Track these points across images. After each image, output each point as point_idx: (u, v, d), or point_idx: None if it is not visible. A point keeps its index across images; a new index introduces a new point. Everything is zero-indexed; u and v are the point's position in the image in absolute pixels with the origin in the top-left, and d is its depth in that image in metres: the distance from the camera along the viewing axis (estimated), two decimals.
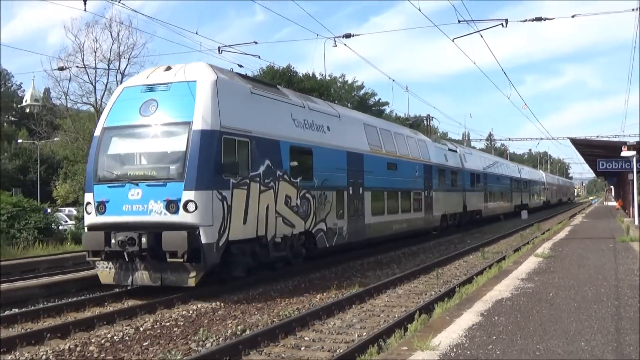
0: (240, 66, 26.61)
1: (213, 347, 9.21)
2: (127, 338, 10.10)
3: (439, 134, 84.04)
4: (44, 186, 58.41)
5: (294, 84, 50.30)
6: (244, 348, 9.05)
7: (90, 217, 13.88)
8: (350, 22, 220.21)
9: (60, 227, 30.33)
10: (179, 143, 13.35)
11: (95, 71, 46.12)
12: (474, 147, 66.82)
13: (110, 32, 45.60)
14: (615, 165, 31.17)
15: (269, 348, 9.37)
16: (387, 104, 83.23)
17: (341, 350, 8.88)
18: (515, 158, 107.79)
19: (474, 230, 35.84)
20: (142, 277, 13.33)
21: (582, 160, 64.15)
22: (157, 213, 13.02)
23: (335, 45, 23.80)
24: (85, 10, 15.86)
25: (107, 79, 47.11)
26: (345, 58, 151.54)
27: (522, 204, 54.40)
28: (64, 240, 27.51)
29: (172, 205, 12.91)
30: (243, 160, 14.26)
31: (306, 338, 10.01)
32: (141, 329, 10.74)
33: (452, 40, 21.71)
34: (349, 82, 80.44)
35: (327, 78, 69.55)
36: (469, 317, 8.90)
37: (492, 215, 43.33)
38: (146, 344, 9.72)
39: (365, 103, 75.88)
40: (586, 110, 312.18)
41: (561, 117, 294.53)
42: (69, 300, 13.25)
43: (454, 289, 13.08)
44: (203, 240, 12.85)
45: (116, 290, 14.26)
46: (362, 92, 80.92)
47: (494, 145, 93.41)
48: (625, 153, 26.37)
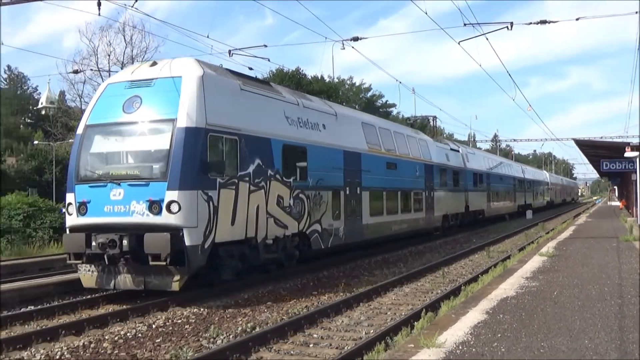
0: (251, 69, 26.85)
1: (224, 344, 9.25)
2: (139, 335, 10.15)
3: (445, 135, 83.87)
4: (59, 186, 58.47)
5: (303, 86, 50.32)
6: (253, 345, 9.07)
7: (71, 218, 13.29)
8: (358, 26, 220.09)
9: None
10: (163, 141, 12.66)
11: (109, 74, 46.27)
12: (479, 148, 66.58)
13: (124, 36, 45.99)
14: (618, 166, 31.05)
15: (278, 345, 9.39)
16: (394, 105, 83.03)
17: (349, 348, 8.90)
18: (520, 159, 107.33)
19: (479, 229, 35.72)
20: (124, 280, 12.70)
21: (586, 161, 63.84)
22: (139, 214, 12.38)
23: (344, 48, 23.69)
24: (99, 14, 15.84)
25: None
26: (353, 60, 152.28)
27: (525, 204, 54.13)
28: None
29: (154, 206, 12.26)
30: (231, 159, 13.55)
31: (315, 335, 10.03)
32: (153, 326, 10.79)
33: (458, 43, 21.67)
34: (357, 84, 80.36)
35: (336, 80, 69.59)
36: (474, 315, 8.89)
37: (496, 215, 42.89)
38: (158, 340, 9.77)
39: (372, 105, 75.74)
40: (590, 111, 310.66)
41: (565, 118, 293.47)
42: (84, 297, 13.29)
43: (460, 288, 13.08)
44: (187, 243, 12.19)
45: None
46: (370, 94, 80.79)
47: (499, 146, 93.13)
48: (628, 154, 26.20)
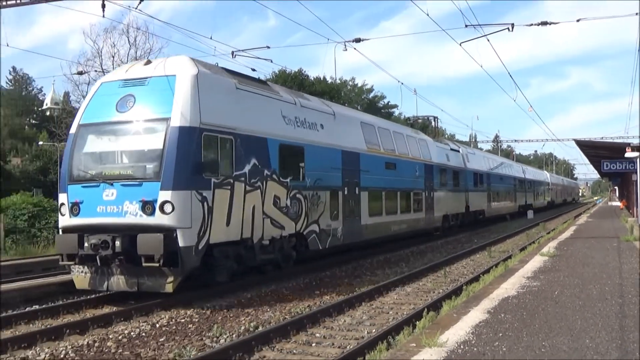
0: (254, 70, 26.54)
1: (227, 343, 9.22)
2: (143, 334, 10.13)
3: (446, 135, 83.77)
4: None
5: (305, 87, 50.32)
6: (256, 344, 9.06)
7: (64, 219, 13.00)
8: (360, 27, 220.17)
9: None
10: (156, 140, 12.40)
11: None
12: (480, 149, 66.50)
13: (128, 38, 45.66)
14: (619, 166, 30.94)
15: (281, 344, 9.37)
16: (396, 106, 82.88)
17: (351, 347, 8.87)
18: (521, 159, 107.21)
19: (481, 229, 35.67)
20: (118, 282, 12.41)
21: (587, 161, 63.79)
22: (132, 215, 12.11)
23: (346, 50, 23.67)
24: (103, 16, 15.81)
25: None
26: (355, 62, 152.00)
27: (526, 204, 54.01)
28: None
29: (147, 207, 11.98)
30: (226, 158, 13.29)
31: (317, 334, 10.00)
32: (157, 325, 10.77)
33: (460, 44, 21.69)
34: (359, 85, 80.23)
35: (338, 81, 69.45)
36: (475, 315, 8.87)
37: (496, 215, 42.69)
38: (162, 339, 9.75)
39: (374, 105, 75.69)
40: (591, 112, 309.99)
41: (566, 119, 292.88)
42: (88, 297, 13.23)
43: (461, 287, 13.04)
44: (181, 244, 11.92)
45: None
46: (372, 95, 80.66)
47: (501, 146, 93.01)
48: (629, 154, 26.14)
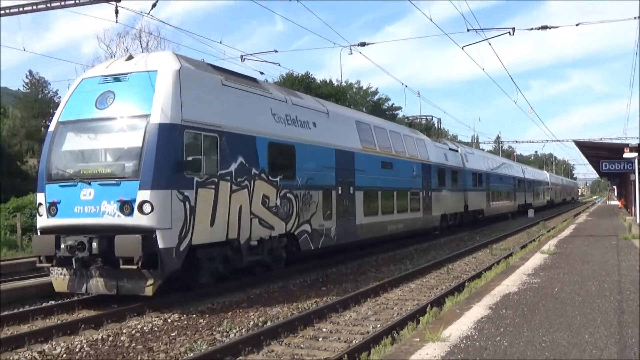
0: (262, 73, 26.83)
1: (236, 338, 9.27)
2: (155, 329, 10.19)
3: (449, 136, 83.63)
4: None
5: (312, 89, 50.40)
6: (265, 338, 9.09)
7: (42, 220, 12.36)
8: (365, 31, 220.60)
9: None
10: (135, 138, 11.70)
11: None
12: (482, 149, 66.31)
13: (140, 42, 45.87)
14: (617, 167, 30.88)
15: (289, 339, 9.41)
16: (400, 108, 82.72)
17: (357, 341, 8.90)
18: (522, 159, 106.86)
19: (482, 228, 35.61)
20: (97, 285, 11.77)
21: (586, 162, 63.52)
22: (110, 215, 11.44)
23: (351, 53, 23.72)
24: (116, 21, 15.96)
25: None
26: (360, 65, 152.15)
27: (525, 204, 53.79)
28: None
29: (126, 207, 11.31)
30: (210, 157, 12.58)
31: (324, 329, 10.04)
32: (169, 320, 10.82)
33: (462, 48, 21.69)
34: (364, 88, 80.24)
35: (344, 84, 69.55)
36: (478, 311, 8.88)
37: (496, 214, 42.28)
38: (174, 334, 9.81)
39: (379, 108, 75.67)
40: (591, 114, 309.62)
41: (566, 120, 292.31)
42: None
43: (464, 284, 13.06)
44: (160, 245, 11.24)
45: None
46: (377, 97, 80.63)
47: (502, 147, 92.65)
48: (627, 154, 26.09)
